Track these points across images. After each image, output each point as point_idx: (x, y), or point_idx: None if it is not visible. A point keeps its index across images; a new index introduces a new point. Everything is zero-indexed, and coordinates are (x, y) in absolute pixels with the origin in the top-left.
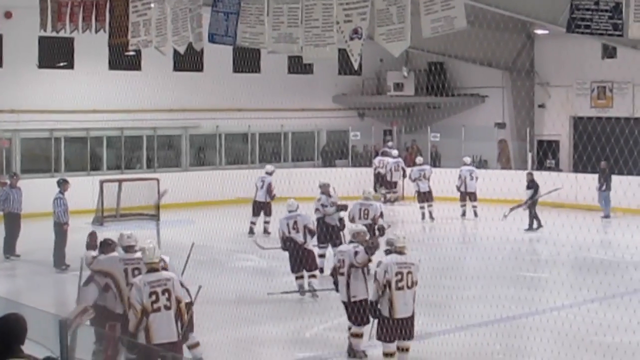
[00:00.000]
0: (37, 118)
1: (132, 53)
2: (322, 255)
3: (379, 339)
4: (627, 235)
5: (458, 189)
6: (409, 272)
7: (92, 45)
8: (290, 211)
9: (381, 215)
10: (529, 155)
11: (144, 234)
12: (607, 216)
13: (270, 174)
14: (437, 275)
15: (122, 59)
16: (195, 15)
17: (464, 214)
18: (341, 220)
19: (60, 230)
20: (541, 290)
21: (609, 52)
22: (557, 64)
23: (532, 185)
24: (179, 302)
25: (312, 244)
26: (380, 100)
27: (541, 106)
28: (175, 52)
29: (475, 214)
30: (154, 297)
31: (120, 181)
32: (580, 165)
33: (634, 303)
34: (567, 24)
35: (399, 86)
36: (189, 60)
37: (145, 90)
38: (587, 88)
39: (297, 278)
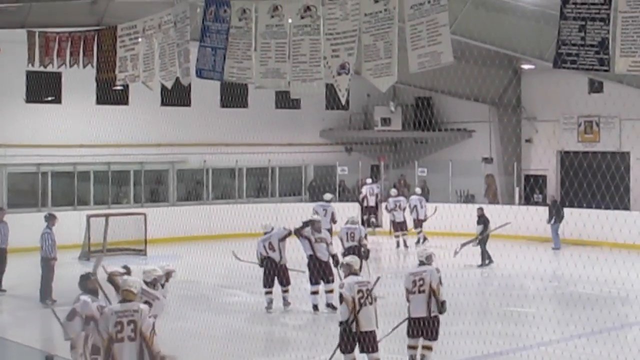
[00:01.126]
0: (24, 152)
1: (119, 88)
2: (315, 292)
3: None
4: (613, 270)
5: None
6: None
7: (79, 80)
8: (265, 233)
9: (365, 237)
10: (516, 190)
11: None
12: (557, 248)
13: (329, 201)
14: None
15: (110, 93)
16: (183, 50)
17: (418, 242)
18: (334, 256)
19: (48, 265)
20: (528, 326)
21: (595, 87)
22: (544, 99)
23: (481, 220)
24: (142, 333)
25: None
26: (367, 135)
27: (528, 141)
28: (163, 86)
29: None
30: (119, 327)
31: (107, 216)
32: (567, 200)
33: (621, 338)
34: (554, 60)
35: (386, 121)
36: (176, 95)
37: (132, 125)
38: (574, 122)
39: (266, 293)
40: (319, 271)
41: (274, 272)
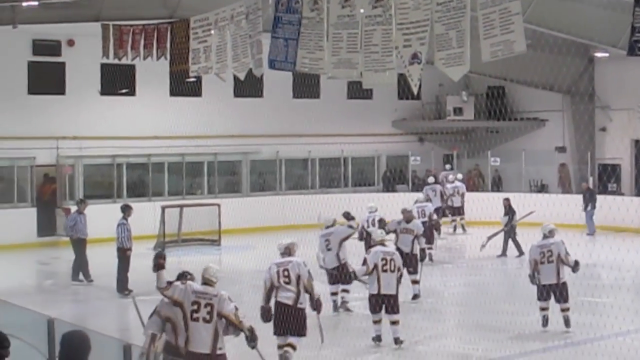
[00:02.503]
0: (99, 144)
1: (192, 79)
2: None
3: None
4: None
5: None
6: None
7: (153, 72)
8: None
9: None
10: (590, 179)
11: (206, 259)
12: (591, 234)
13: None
14: (498, 300)
15: (183, 85)
16: (255, 41)
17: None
18: (422, 250)
19: (124, 256)
20: (605, 316)
21: None
22: (618, 87)
23: (508, 211)
24: (225, 317)
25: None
26: (439, 125)
27: (602, 129)
28: (236, 78)
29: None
30: (195, 307)
31: (181, 206)
32: None
33: None
34: (629, 47)
35: (458, 110)
36: (249, 86)
37: (205, 116)
38: None
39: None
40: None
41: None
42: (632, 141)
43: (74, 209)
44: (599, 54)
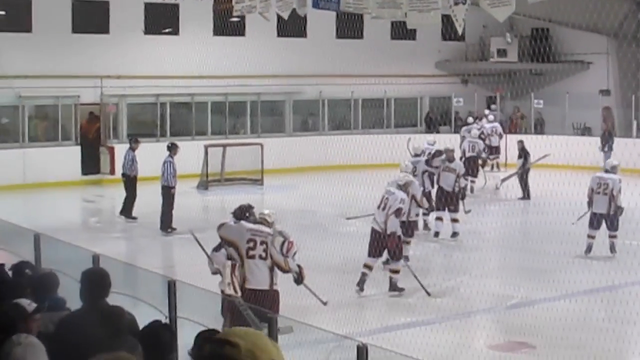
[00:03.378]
0: (142, 84)
1: (235, 19)
2: (439, 219)
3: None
4: None
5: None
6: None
7: (196, 12)
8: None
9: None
10: (634, 122)
11: (248, 198)
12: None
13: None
14: (541, 240)
15: (227, 24)
16: None
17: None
18: (463, 189)
19: (168, 194)
20: None
21: None
22: None
23: (522, 153)
24: (275, 262)
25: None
26: (483, 67)
27: None
28: (279, 17)
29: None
30: (251, 244)
31: (224, 146)
32: None
33: None
34: None
35: (502, 52)
36: (292, 26)
37: (249, 56)
38: None
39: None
40: (442, 199)
41: None
42: None
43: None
44: None
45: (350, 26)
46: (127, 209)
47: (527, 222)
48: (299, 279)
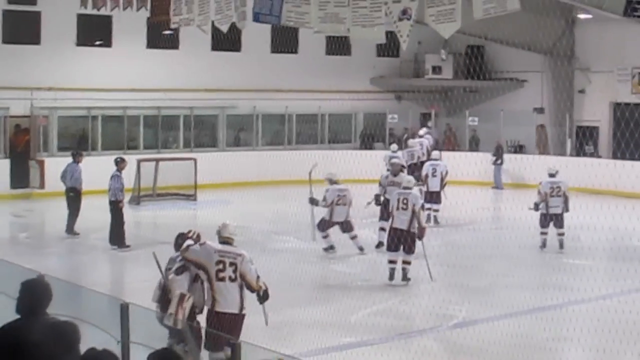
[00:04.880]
0: (74, 96)
1: (169, 32)
2: (382, 229)
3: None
4: None
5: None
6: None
7: (130, 24)
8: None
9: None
10: (568, 141)
11: (181, 214)
12: (499, 188)
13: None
14: (480, 260)
15: (160, 37)
16: None
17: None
18: (377, 196)
19: (116, 209)
20: (585, 279)
21: None
22: (598, 49)
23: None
24: (246, 280)
25: None
26: (418, 83)
27: (581, 91)
28: (214, 31)
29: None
30: (220, 266)
31: (157, 160)
32: (621, 151)
33: None
34: (624, 8)
35: (437, 69)
36: (227, 40)
37: (182, 70)
38: (628, 74)
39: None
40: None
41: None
42: (611, 104)
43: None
44: (581, 16)
45: (285, 41)
46: (70, 225)
47: (462, 240)
48: (264, 297)
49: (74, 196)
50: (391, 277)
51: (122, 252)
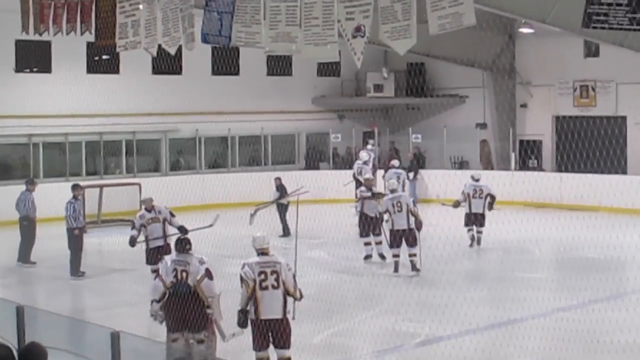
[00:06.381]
0: (14, 123)
1: (107, 57)
2: (367, 244)
3: None
4: (614, 234)
5: None
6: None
7: (69, 49)
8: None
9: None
10: (512, 155)
11: (127, 240)
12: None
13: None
14: (436, 276)
15: (100, 62)
16: (187, 15)
17: None
18: (380, 214)
19: (72, 236)
20: (543, 291)
21: (591, 51)
22: (539, 64)
23: (279, 188)
24: (286, 286)
25: None
26: (359, 102)
27: (523, 106)
28: (156, 54)
29: None
30: (262, 276)
31: (101, 187)
32: (564, 164)
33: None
34: (583, 19)
35: (378, 87)
36: (167, 64)
37: (123, 94)
38: (570, 87)
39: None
40: (368, 226)
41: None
42: (553, 117)
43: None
44: (524, 30)
45: (226, 63)
46: (25, 254)
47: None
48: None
49: (27, 225)
50: (396, 269)
51: (75, 280)
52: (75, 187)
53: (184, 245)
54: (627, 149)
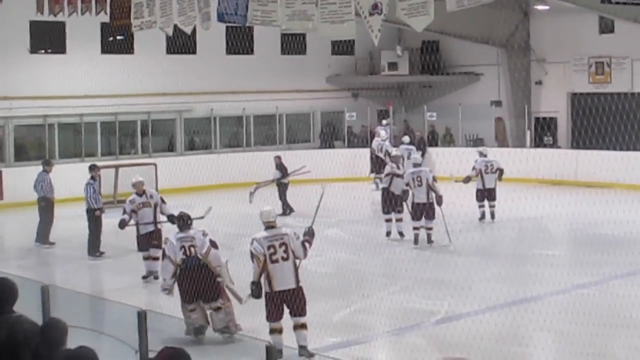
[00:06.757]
0: (29, 104)
1: (121, 37)
2: (388, 220)
3: None
4: (632, 211)
5: None
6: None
7: (84, 29)
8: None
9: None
10: (527, 132)
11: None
12: None
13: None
14: (451, 254)
15: (115, 42)
16: None
17: None
18: (405, 192)
19: (92, 216)
20: (560, 268)
21: (606, 27)
22: (554, 40)
23: (279, 168)
24: (294, 253)
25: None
26: (374, 80)
27: (538, 83)
28: (174, 33)
29: None
30: (272, 250)
31: (117, 167)
32: (580, 141)
33: None
34: None
35: (393, 66)
36: (181, 43)
37: (138, 74)
38: (585, 64)
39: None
40: (391, 203)
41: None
42: (568, 94)
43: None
44: (538, 7)
45: (240, 42)
46: (43, 235)
47: (435, 236)
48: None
49: (45, 205)
50: (415, 241)
51: (94, 260)
52: (92, 168)
53: (185, 221)
54: None
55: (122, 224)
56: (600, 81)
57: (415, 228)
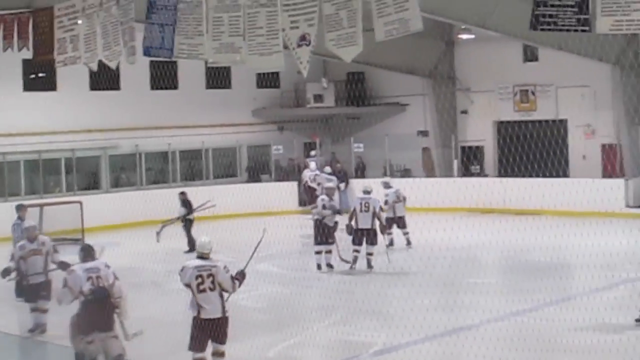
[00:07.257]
0: None
1: (43, 74)
2: (318, 252)
3: None
4: (560, 237)
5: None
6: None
7: (4, 67)
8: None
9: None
10: (455, 161)
11: (71, 259)
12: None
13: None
14: (385, 285)
15: (37, 79)
16: (127, 28)
17: None
18: (336, 223)
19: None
20: (494, 296)
21: (531, 55)
22: (479, 69)
23: (184, 204)
24: (220, 285)
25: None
26: (300, 113)
27: (464, 112)
28: (100, 68)
29: None
30: (199, 280)
31: (41, 206)
32: (507, 169)
33: (592, 303)
34: (530, 22)
35: (318, 98)
36: (105, 79)
37: (62, 111)
38: (510, 92)
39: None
40: (323, 235)
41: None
42: (494, 123)
43: None
44: (463, 36)
45: (164, 77)
46: None
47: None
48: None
49: None
50: (354, 262)
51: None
52: (19, 208)
53: (90, 252)
54: (568, 152)
55: (6, 273)
56: (526, 109)
57: (355, 251)
